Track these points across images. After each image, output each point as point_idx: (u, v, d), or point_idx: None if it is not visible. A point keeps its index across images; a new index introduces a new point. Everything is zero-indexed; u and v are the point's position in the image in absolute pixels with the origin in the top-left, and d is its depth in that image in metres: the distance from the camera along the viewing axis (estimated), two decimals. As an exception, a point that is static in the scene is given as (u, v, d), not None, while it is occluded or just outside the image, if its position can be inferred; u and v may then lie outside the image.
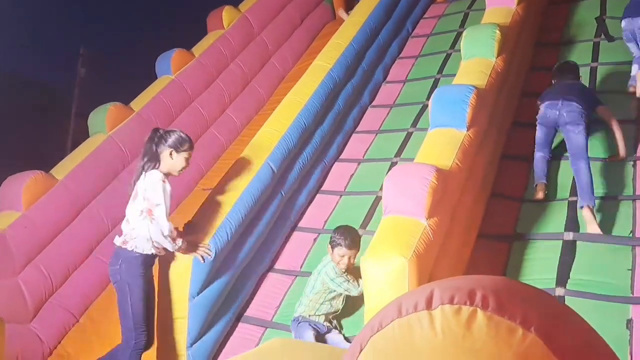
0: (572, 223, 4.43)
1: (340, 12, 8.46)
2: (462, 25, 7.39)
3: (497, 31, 5.00)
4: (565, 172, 4.94)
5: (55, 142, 8.72)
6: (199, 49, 6.85)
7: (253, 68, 7.33)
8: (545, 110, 4.78)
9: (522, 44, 5.88)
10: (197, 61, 6.66)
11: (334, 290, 3.97)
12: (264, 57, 7.58)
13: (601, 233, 4.29)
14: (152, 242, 3.67)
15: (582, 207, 4.38)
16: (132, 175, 3.90)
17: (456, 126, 4.27)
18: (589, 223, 4.30)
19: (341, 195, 5.45)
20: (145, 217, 3.64)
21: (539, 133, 4.89)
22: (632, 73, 5.72)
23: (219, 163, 6.29)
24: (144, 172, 3.76)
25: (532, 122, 5.54)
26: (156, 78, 6.44)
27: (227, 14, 7.18)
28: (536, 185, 4.78)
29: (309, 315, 4.00)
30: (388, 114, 6.42)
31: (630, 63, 5.82)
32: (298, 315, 4.02)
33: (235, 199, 4.40)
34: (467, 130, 4.27)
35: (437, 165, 3.82)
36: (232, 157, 5.51)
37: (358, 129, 6.33)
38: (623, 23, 5.77)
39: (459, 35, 6.99)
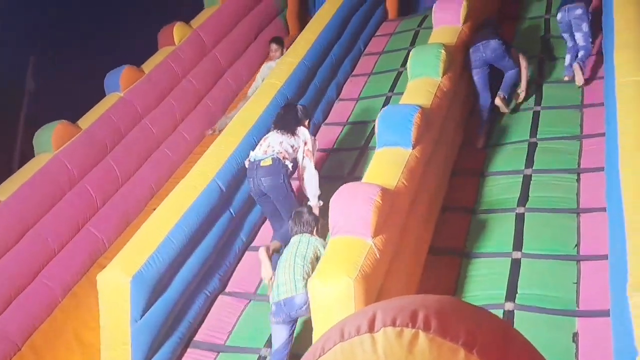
0: (519, 237, 4.51)
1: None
2: (413, 43, 7.51)
3: (443, 51, 5.11)
4: (511, 186, 5.06)
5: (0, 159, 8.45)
6: (149, 65, 6.76)
7: (206, 84, 7.28)
8: (473, 55, 5.77)
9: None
10: (147, 78, 6.57)
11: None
12: (217, 73, 7.54)
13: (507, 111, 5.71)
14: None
15: (497, 95, 5.68)
16: (80, 196, 4.69)
17: (402, 145, 4.32)
18: (501, 107, 5.69)
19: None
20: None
21: (476, 77, 5.81)
22: (566, 63, 6.19)
23: (170, 182, 6.19)
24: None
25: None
26: (105, 95, 6.35)
27: (178, 30, 7.12)
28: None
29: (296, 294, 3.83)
30: (342, 131, 6.46)
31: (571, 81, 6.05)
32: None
33: (178, 217, 4.34)
34: (413, 149, 4.32)
35: (384, 185, 3.86)
36: (184, 175, 5.43)
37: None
38: (559, 15, 6.13)
39: (409, 53, 7.08)
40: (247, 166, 4.73)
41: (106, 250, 5.45)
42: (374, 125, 6.09)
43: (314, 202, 4.66)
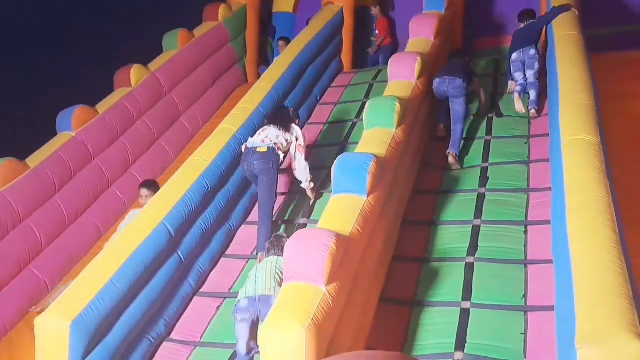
0: (468, 287, 4.58)
1: None
2: (367, 95, 7.70)
3: (397, 103, 5.25)
4: (461, 235, 5.15)
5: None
6: (103, 106, 6.69)
7: (161, 127, 7.24)
8: (437, 86, 6.30)
9: (422, 116, 6.19)
10: (101, 118, 6.49)
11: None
12: (173, 116, 7.53)
13: (459, 167, 6.05)
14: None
15: (448, 153, 6.09)
16: (24, 236, 5.13)
17: (357, 192, 4.37)
18: (453, 164, 6.04)
19: (248, 260, 5.36)
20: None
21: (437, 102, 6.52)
22: (531, 98, 6.72)
23: (117, 224, 6.03)
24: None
25: (433, 190, 5.84)
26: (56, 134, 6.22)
27: (135, 72, 7.10)
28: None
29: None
30: (295, 178, 6.47)
31: (518, 137, 6.32)
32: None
33: (123, 260, 4.23)
34: (368, 197, 4.38)
35: (338, 231, 3.87)
36: (132, 217, 5.32)
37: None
38: (514, 55, 6.82)
39: (364, 105, 7.27)
40: (243, 151, 5.45)
41: (48, 293, 5.22)
42: (328, 172, 6.23)
43: (306, 185, 5.64)
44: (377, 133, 5.14)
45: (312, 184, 5.62)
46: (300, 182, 5.66)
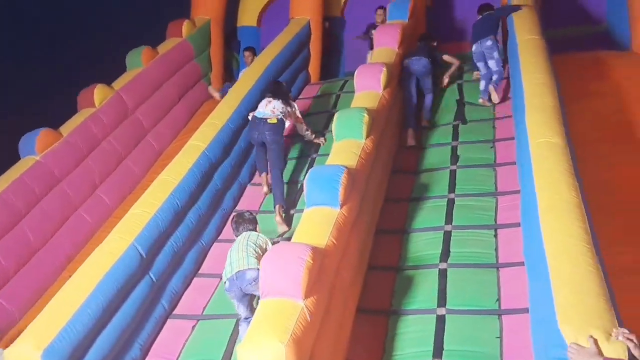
0: (443, 293, 4.61)
1: (211, 90, 8.62)
2: (334, 106, 7.75)
3: (365, 114, 5.29)
4: (433, 242, 5.19)
5: None
6: (67, 127, 6.57)
7: (127, 146, 7.15)
8: (409, 65, 7.01)
9: (390, 126, 6.24)
10: (65, 140, 6.37)
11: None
12: (139, 134, 7.44)
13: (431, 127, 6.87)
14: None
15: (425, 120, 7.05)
16: None
17: (330, 205, 4.37)
18: (426, 125, 6.92)
19: (221, 278, 5.30)
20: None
21: (406, 85, 7.03)
22: (482, 88, 7.28)
23: (87, 247, 5.93)
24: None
25: (404, 197, 5.88)
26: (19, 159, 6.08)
27: (99, 92, 7.00)
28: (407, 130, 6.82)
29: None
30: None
31: (484, 141, 6.43)
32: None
33: (93, 285, 4.14)
34: (341, 208, 4.38)
35: (313, 244, 3.86)
36: (101, 241, 5.21)
37: (238, 207, 6.27)
38: (473, 47, 7.31)
39: (331, 116, 7.29)
40: (250, 119, 6.11)
41: (17, 323, 5.07)
42: (299, 186, 6.23)
43: (309, 137, 6.70)
44: (347, 145, 5.16)
45: (313, 135, 6.71)
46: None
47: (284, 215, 5.68)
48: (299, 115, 6.47)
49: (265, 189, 6.14)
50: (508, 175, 5.76)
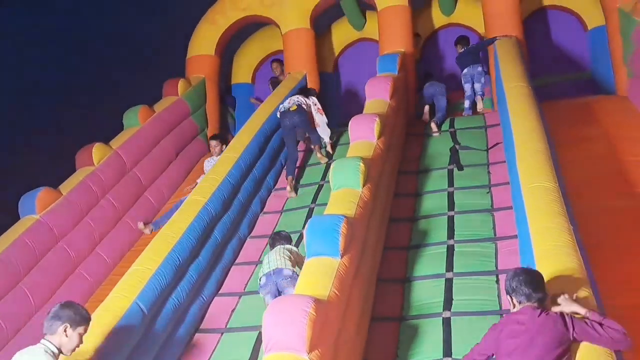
0: (448, 343, 4.54)
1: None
2: (331, 157, 7.84)
3: (362, 164, 5.37)
4: (435, 290, 5.17)
5: None
6: (67, 186, 6.62)
7: (125, 203, 7.18)
8: (428, 87, 8.55)
9: (386, 174, 6.33)
10: (65, 199, 6.40)
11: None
12: (137, 191, 7.49)
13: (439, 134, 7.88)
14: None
15: (432, 121, 8.09)
16: None
17: (331, 255, 4.38)
18: (434, 130, 8.00)
19: (222, 333, 5.25)
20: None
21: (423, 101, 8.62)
22: (466, 106, 8.59)
23: (86, 306, 5.82)
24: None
25: (403, 245, 5.90)
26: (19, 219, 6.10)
27: (97, 150, 7.09)
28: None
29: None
30: (267, 244, 6.46)
31: (480, 187, 6.51)
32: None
33: (97, 343, 4.08)
34: (342, 258, 4.39)
35: (316, 296, 3.85)
36: (101, 299, 5.17)
37: (238, 260, 6.28)
38: (465, 70, 8.60)
39: (328, 167, 7.39)
40: (279, 114, 7.48)
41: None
42: (298, 236, 6.25)
43: (327, 140, 7.73)
44: (345, 194, 5.21)
45: (331, 140, 7.69)
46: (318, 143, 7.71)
47: (323, 152, 7.62)
48: (320, 107, 7.70)
49: (291, 193, 7.13)
50: (506, 220, 5.80)
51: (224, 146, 7.61)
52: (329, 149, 7.75)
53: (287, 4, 9.37)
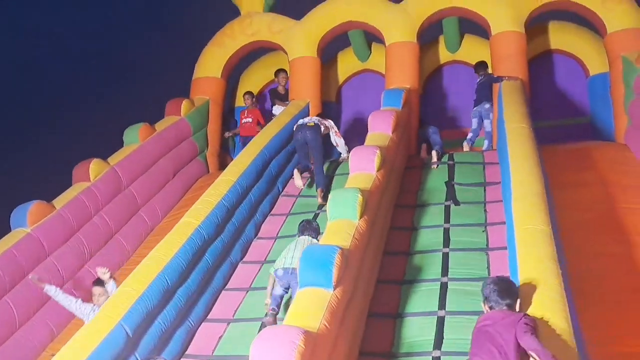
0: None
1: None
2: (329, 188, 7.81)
3: (360, 195, 5.34)
4: (426, 327, 5.09)
5: None
6: (60, 201, 6.57)
7: (119, 221, 7.14)
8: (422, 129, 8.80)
9: (383, 207, 6.30)
10: (58, 213, 6.36)
11: None
12: (131, 210, 7.45)
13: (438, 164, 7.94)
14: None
15: (433, 149, 8.17)
16: None
17: (323, 286, 4.32)
18: (433, 161, 8.01)
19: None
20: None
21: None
22: (468, 137, 8.75)
23: (72, 324, 5.77)
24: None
25: (397, 279, 5.83)
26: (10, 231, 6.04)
27: (94, 166, 7.07)
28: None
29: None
30: (259, 270, 6.41)
31: (476, 224, 6.49)
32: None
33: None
34: (334, 290, 4.33)
35: (305, 327, 3.78)
36: (88, 317, 5.10)
37: (228, 286, 6.20)
38: (475, 108, 8.82)
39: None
40: (295, 128, 7.71)
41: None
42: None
43: (345, 155, 8.00)
44: (341, 224, 5.17)
45: (348, 154, 7.43)
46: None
47: (323, 195, 7.24)
48: (337, 130, 8.07)
49: (298, 182, 7.49)
50: (501, 260, 5.74)
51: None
52: (344, 157, 8.00)
53: (295, 31, 9.47)
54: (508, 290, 3.83)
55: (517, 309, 3.79)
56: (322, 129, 7.69)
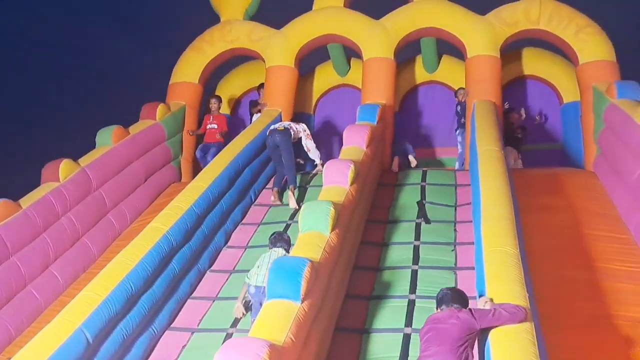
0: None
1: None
2: (302, 198, 7.82)
3: (332, 208, 5.35)
4: (392, 344, 5.09)
5: None
6: (27, 200, 6.43)
7: (86, 224, 7.00)
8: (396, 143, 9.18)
9: (355, 221, 6.31)
10: (24, 213, 6.21)
11: None
12: (100, 212, 7.32)
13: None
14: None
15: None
16: None
17: (291, 298, 4.30)
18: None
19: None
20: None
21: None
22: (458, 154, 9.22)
23: (31, 328, 5.63)
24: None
25: (365, 295, 5.83)
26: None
27: (64, 167, 6.93)
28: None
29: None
30: (227, 279, 6.35)
31: (445, 243, 6.56)
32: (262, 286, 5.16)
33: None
34: (302, 303, 4.31)
35: (271, 340, 3.75)
36: (50, 319, 4.97)
37: (195, 294, 6.13)
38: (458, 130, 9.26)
39: (298, 208, 7.35)
40: (268, 131, 7.84)
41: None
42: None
43: (318, 161, 8.17)
44: (312, 237, 5.16)
45: (322, 161, 7.93)
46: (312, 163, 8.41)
47: (295, 193, 7.59)
48: (309, 133, 8.12)
49: (275, 201, 7.70)
50: (468, 279, 5.80)
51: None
52: (319, 168, 8.07)
53: (274, 40, 9.49)
54: (459, 298, 4.17)
55: None
56: (293, 133, 7.83)
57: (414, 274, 6.07)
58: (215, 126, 8.99)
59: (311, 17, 9.58)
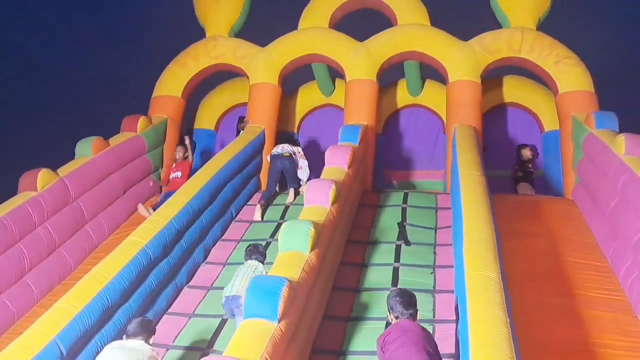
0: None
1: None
2: (283, 216, 7.81)
3: (312, 228, 5.34)
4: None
5: None
6: (3, 208, 6.32)
7: (63, 234, 6.89)
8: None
9: (335, 241, 6.30)
10: (-1, 222, 6.10)
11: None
12: (78, 223, 7.21)
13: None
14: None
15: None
16: None
17: (268, 318, 4.26)
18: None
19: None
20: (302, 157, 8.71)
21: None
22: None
23: (3, 337, 5.49)
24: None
25: (342, 316, 5.80)
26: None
27: (42, 176, 6.83)
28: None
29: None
30: (205, 296, 6.28)
31: (425, 266, 6.55)
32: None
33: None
34: (279, 323, 4.28)
35: (246, 359, 3.71)
36: (22, 331, 4.85)
37: (171, 310, 6.05)
38: None
39: (279, 226, 7.33)
40: (270, 157, 8.48)
41: None
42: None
43: (304, 179, 8.55)
44: (291, 256, 5.14)
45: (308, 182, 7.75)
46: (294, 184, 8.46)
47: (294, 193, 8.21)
48: (302, 154, 8.76)
49: (257, 217, 7.85)
50: (446, 302, 5.82)
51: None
52: (303, 188, 8.14)
53: (258, 57, 9.52)
54: (410, 302, 4.32)
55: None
56: (295, 158, 8.54)
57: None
58: (179, 174, 8.58)
59: (296, 36, 9.65)
